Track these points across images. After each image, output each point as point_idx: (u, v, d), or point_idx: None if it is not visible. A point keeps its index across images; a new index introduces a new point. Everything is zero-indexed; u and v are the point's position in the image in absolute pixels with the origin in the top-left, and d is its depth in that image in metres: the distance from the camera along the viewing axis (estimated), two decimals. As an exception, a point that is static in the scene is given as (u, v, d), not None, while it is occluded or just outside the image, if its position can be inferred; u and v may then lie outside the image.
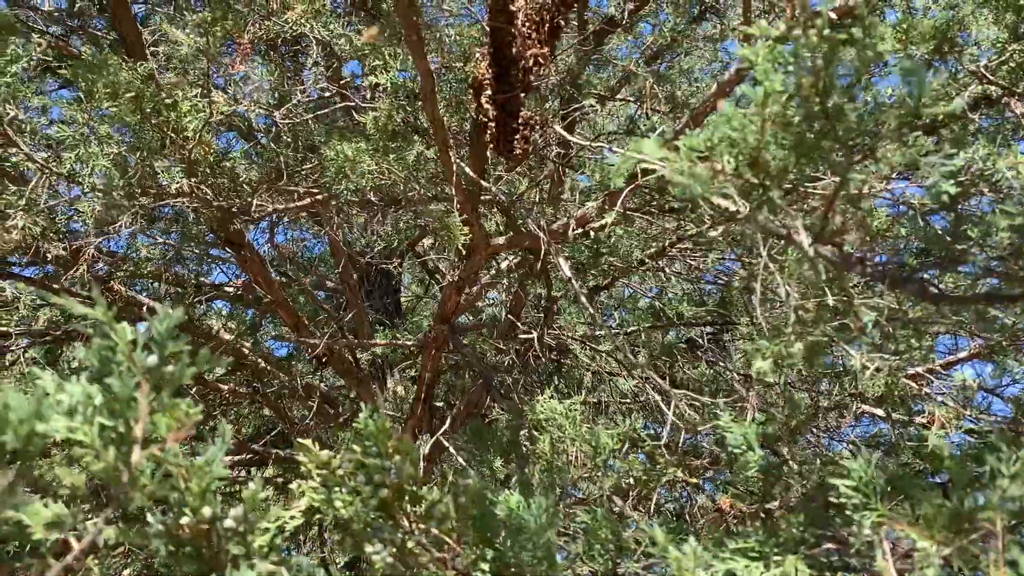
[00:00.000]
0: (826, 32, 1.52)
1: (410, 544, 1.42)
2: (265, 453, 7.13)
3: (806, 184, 1.77)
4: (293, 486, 1.38)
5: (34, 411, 0.89)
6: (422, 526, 1.43)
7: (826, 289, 1.89)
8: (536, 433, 3.07)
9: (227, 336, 6.18)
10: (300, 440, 1.35)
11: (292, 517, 1.40)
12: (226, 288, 7.23)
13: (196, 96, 3.08)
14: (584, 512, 2.12)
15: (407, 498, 1.37)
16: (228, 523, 1.11)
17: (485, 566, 1.57)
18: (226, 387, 6.40)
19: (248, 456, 7.28)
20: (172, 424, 0.98)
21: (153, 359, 1.00)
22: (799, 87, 1.55)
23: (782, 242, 1.89)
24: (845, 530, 1.54)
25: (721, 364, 6.43)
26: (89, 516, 0.99)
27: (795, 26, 1.55)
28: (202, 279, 6.65)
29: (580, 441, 2.83)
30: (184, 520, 1.07)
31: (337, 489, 1.32)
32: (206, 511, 1.07)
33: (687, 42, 5.42)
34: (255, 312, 7.39)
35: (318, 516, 1.44)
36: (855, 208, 1.75)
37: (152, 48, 4.59)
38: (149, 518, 1.02)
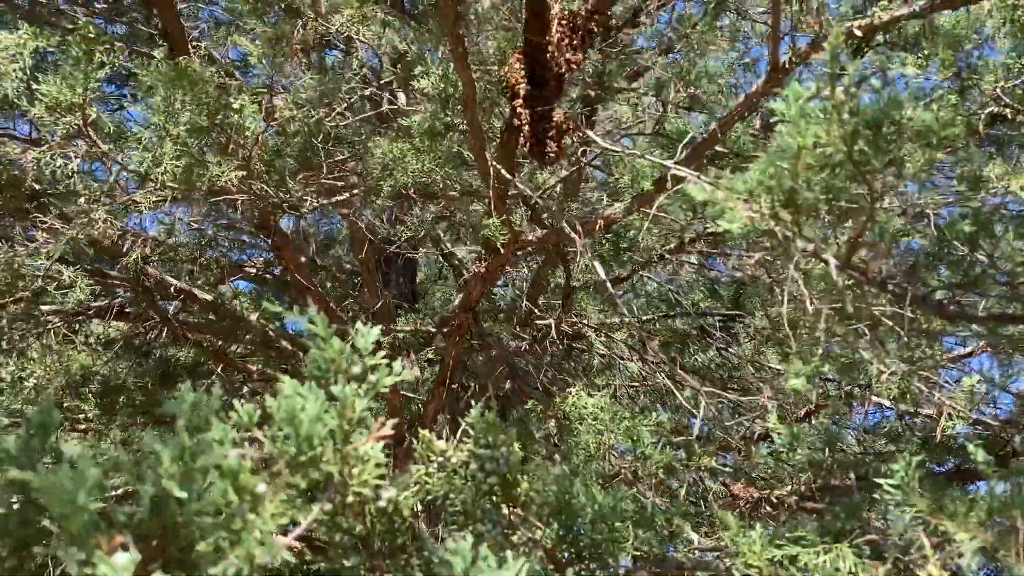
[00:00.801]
0: (852, 90, 1.73)
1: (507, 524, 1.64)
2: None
3: (836, 217, 1.98)
4: (413, 469, 1.58)
5: (316, 414, 1.08)
6: (518, 510, 1.65)
7: (849, 304, 2.08)
8: (571, 423, 3.28)
9: (251, 316, 6.36)
10: (422, 430, 1.55)
11: (407, 496, 1.60)
12: (247, 269, 7.44)
13: (258, 101, 3.27)
14: (633, 501, 2.33)
15: (510, 485, 1.58)
16: (381, 504, 1.32)
17: (566, 546, 1.78)
18: (254, 368, 6.63)
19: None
20: (373, 425, 1.18)
21: (358, 368, 1.20)
22: (829, 137, 1.76)
23: (811, 258, 2.09)
24: (883, 522, 1.75)
25: (731, 351, 6.66)
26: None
27: (825, 86, 1.75)
28: (230, 262, 6.85)
29: (619, 433, 3.05)
30: (349, 499, 1.28)
31: (455, 475, 1.53)
32: (367, 492, 1.27)
33: (705, 37, 5.57)
34: (280, 295, 7.62)
35: (428, 497, 1.65)
36: (880, 240, 1.96)
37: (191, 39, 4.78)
38: (325, 500, 1.22)
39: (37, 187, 3.41)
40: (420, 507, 1.78)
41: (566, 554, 1.80)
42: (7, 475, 0.99)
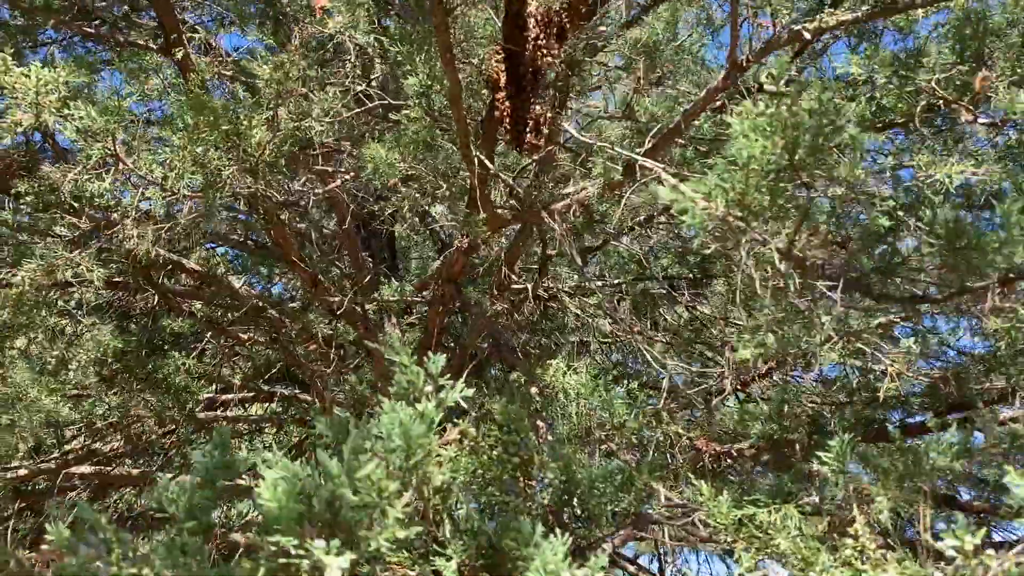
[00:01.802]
0: (793, 108, 2.13)
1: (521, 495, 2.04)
2: (270, 392, 7.80)
3: (780, 214, 2.39)
4: (443, 452, 1.97)
5: (424, 428, 1.47)
6: (532, 482, 2.05)
7: (792, 286, 2.50)
8: (555, 394, 3.69)
9: (236, 283, 6.68)
10: (459, 424, 1.94)
11: (442, 475, 1.99)
12: (230, 236, 7.74)
13: (265, 117, 3.61)
14: (620, 472, 2.74)
15: (527, 463, 1.98)
16: (435, 484, 1.71)
17: (566, 507, 2.19)
18: (245, 336, 6.99)
19: (252, 394, 7.93)
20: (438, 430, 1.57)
21: (430, 388, 1.59)
22: (774, 146, 2.15)
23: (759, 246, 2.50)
24: (823, 486, 2.18)
25: (698, 310, 7.09)
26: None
27: (771, 104, 2.16)
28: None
29: (599, 406, 3.47)
30: (412, 480, 1.67)
31: (485, 456, 1.93)
32: (434, 477, 1.67)
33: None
34: (264, 261, 7.95)
35: (461, 476, 2.05)
36: (816, 232, 2.38)
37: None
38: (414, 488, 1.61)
39: (75, 203, 3.74)
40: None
41: (566, 514, 2.22)
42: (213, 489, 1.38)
